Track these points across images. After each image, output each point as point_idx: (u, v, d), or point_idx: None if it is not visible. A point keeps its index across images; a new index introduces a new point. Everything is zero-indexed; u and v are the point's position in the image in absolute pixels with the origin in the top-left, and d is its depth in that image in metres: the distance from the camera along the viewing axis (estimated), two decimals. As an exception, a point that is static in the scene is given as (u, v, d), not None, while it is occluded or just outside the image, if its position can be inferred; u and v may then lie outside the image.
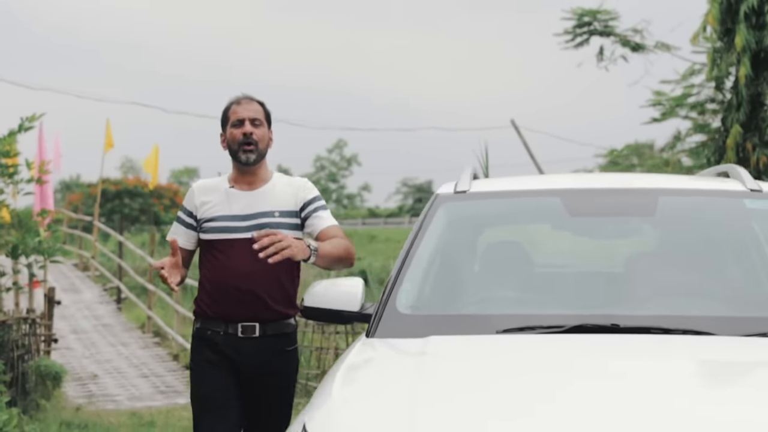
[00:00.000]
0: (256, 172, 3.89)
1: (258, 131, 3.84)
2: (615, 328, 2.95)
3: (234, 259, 3.76)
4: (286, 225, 3.79)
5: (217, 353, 3.83)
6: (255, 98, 3.93)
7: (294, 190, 3.87)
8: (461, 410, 2.37)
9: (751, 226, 3.62)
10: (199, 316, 3.90)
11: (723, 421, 2.23)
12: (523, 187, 3.89)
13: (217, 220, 3.82)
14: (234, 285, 3.77)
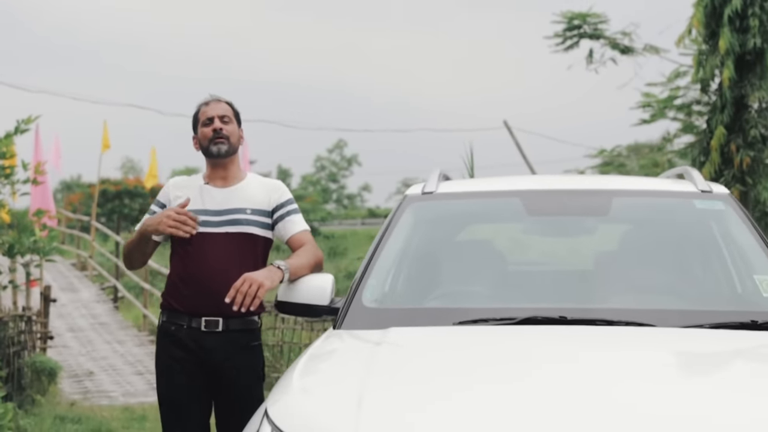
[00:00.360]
0: (228, 167, 4.00)
1: (228, 127, 3.97)
2: (563, 320, 3.17)
3: (205, 252, 3.87)
4: (257, 223, 3.93)
5: (181, 349, 3.91)
6: (223, 98, 4.07)
7: (267, 191, 4.00)
8: (408, 394, 2.58)
9: (699, 225, 3.83)
10: (165, 309, 3.99)
11: (649, 400, 2.43)
12: (486, 189, 4.11)
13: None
14: (203, 278, 3.85)
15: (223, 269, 3.83)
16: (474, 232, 4.08)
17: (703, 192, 3.88)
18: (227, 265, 3.84)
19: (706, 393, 2.52)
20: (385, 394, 2.58)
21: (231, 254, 3.87)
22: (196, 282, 3.89)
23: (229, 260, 3.85)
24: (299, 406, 2.63)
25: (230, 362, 3.89)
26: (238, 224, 3.91)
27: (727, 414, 2.35)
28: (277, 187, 4.05)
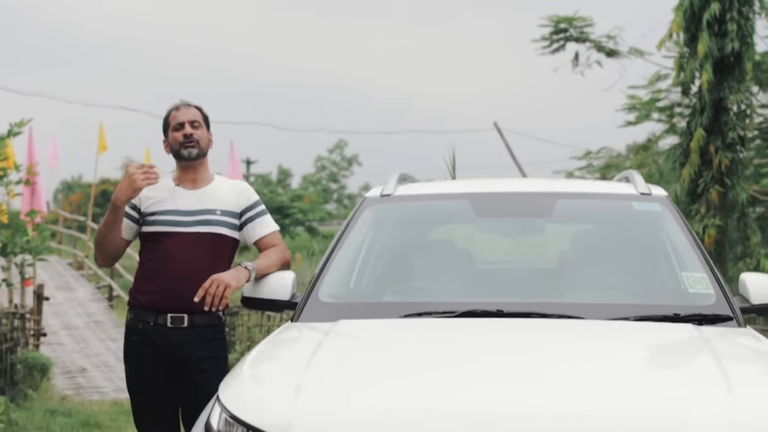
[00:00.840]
0: (198, 170, 4.17)
1: (198, 132, 4.15)
2: (500, 314, 3.44)
3: (175, 251, 4.04)
4: (226, 224, 4.13)
5: (148, 345, 4.07)
6: (192, 103, 4.24)
7: (236, 193, 4.20)
8: (346, 380, 2.85)
9: (636, 225, 4.10)
10: (133, 307, 4.15)
11: (566, 375, 2.73)
12: (440, 191, 4.39)
13: (162, 214, 4.09)
14: (172, 276, 4.02)
15: (192, 268, 4.03)
16: (427, 232, 4.34)
17: (642, 194, 4.14)
18: (196, 264, 4.04)
19: (608, 371, 2.80)
20: (324, 379, 2.84)
21: (200, 253, 4.08)
22: (164, 280, 4.05)
23: (198, 259, 4.06)
24: (247, 391, 2.90)
25: (196, 355, 4.07)
26: (208, 224, 4.11)
27: (612, 385, 2.65)
28: (245, 189, 4.26)
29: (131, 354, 4.20)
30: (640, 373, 2.82)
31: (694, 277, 3.70)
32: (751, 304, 3.64)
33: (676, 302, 3.61)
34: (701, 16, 12.48)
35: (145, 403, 4.20)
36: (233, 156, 16.06)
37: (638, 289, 3.80)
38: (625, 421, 2.47)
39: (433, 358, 3.00)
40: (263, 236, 4.17)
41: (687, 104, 13.48)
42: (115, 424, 8.13)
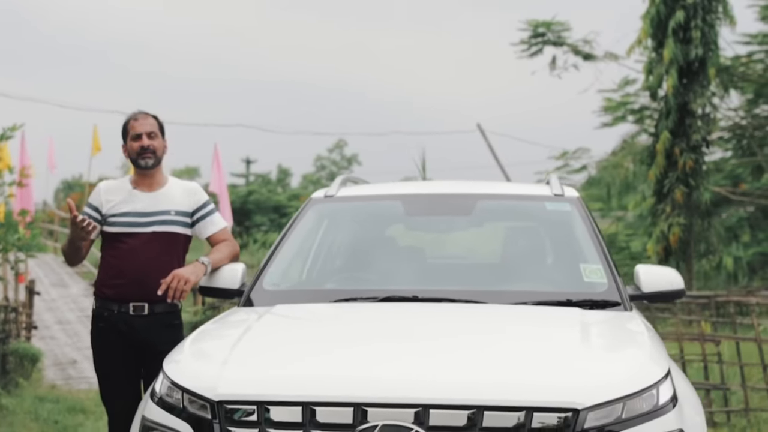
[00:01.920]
0: (154, 175, 4.62)
1: (154, 142, 4.59)
2: (415, 299, 3.98)
3: (134, 248, 4.50)
4: (180, 222, 4.63)
5: (112, 330, 4.52)
6: (149, 113, 4.67)
7: (188, 194, 4.69)
8: (270, 353, 3.38)
9: (546, 223, 4.64)
10: (98, 297, 4.60)
11: (465, 342, 3.32)
12: (376, 193, 4.92)
13: (121, 216, 4.54)
14: (133, 270, 4.47)
15: (151, 263, 4.53)
16: (363, 229, 4.87)
17: (555, 195, 4.68)
18: (154, 259, 4.54)
19: (489, 344, 3.36)
20: (248, 351, 3.37)
21: (158, 250, 4.57)
22: (126, 273, 4.50)
23: (156, 255, 4.56)
24: (185, 363, 3.43)
25: (155, 338, 4.51)
26: (164, 224, 4.60)
27: (488, 355, 3.21)
28: (195, 190, 4.76)
29: (98, 339, 4.69)
30: (514, 346, 3.36)
31: (591, 268, 4.23)
32: (642, 292, 4.17)
33: (571, 290, 4.13)
34: (667, 24, 13.03)
35: (110, 381, 4.67)
36: (216, 158, 16.55)
37: (540, 279, 4.33)
38: (487, 384, 3.00)
39: (348, 334, 3.55)
40: (214, 233, 4.69)
41: (655, 108, 14.02)
42: (99, 409, 8.63)
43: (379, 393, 2.96)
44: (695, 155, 13.09)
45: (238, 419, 3.04)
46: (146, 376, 4.67)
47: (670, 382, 3.19)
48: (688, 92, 13.05)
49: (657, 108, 13.84)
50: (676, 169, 13.09)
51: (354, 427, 2.91)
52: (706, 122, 13.32)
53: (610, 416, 2.96)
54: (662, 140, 13.01)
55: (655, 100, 13.85)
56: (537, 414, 2.90)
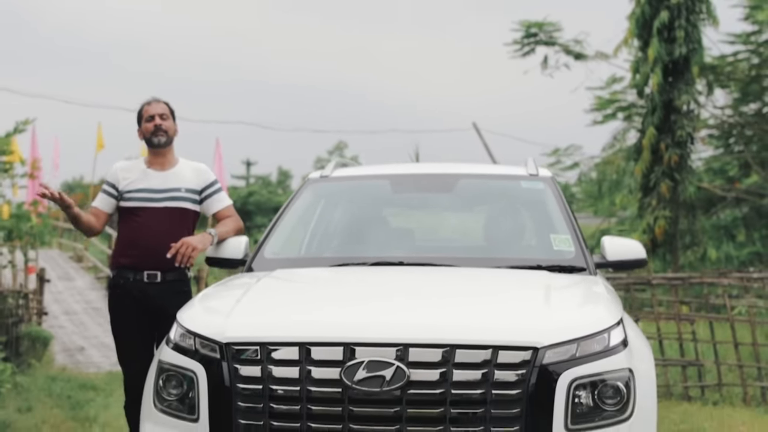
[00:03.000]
0: (165, 155, 5.05)
1: (166, 123, 5.03)
2: (400, 263, 4.45)
3: (148, 222, 4.94)
4: (190, 199, 5.09)
5: (128, 297, 4.93)
6: (161, 99, 5.13)
7: (197, 173, 5.16)
8: (270, 303, 3.86)
9: (521, 199, 5.12)
10: (114, 266, 5.03)
11: (441, 293, 3.81)
12: (366, 173, 5.40)
13: (136, 192, 4.98)
14: (146, 241, 4.90)
15: (163, 236, 4.97)
16: (353, 204, 5.35)
17: (531, 175, 5.15)
18: (166, 232, 4.99)
19: (462, 295, 3.85)
20: (252, 303, 3.84)
21: (169, 224, 5.03)
22: (141, 245, 4.94)
23: (168, 228, 5.01)
24: (196, 313, 3.90)
25: (167, 304, 4.84)
26: (175, 200, 5.07)
27: (461, 303, 3.69)
28: (204, 170, 5.23)
29: (114, 305, 5.13)
30: (485, 298, 3.83)
31: (560, 238, 4.70)
32: (607, 260, 4.65)
33: (542, 256, 4.61)
34: (652, 24, 13.50)
35: (126, 344, 5.11)
36: (218, 154, 17.06)
37: (515, 247, 4.81)
38: (459, 327, 3.46)
39: (339, 289, 4.03)
40: (220, 209, 5.16)
41: (642, 105, 14.50)
42: (109, 387, 9.13)
43: (365, 334, 3.42)
44: (680, 150, 13.56)
45: (244, 358, 3.50)
46: (159, 339, 5.05)
47: (621, 329, 3.65)
48: (673, 90, 13.51)
49: (643, 105, 14.31)
50: (662, 164, 13.56)
51: (344, 364, 3.35)
52: (690, 119, 13.79)
53: (565, 354, 3.41)
54: (648, 136, 13.48)
55: (641, 98, 14.33)
56: (502, 352, 3.35)
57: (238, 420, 3.43)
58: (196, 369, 3.58)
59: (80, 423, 7.28)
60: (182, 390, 3.65)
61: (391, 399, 3.30)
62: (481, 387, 3.30)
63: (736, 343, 8.34)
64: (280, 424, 3.38)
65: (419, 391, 3.30)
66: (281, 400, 3.38)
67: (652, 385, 3.66)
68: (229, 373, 3.47)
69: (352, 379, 3.30)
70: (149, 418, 3.78)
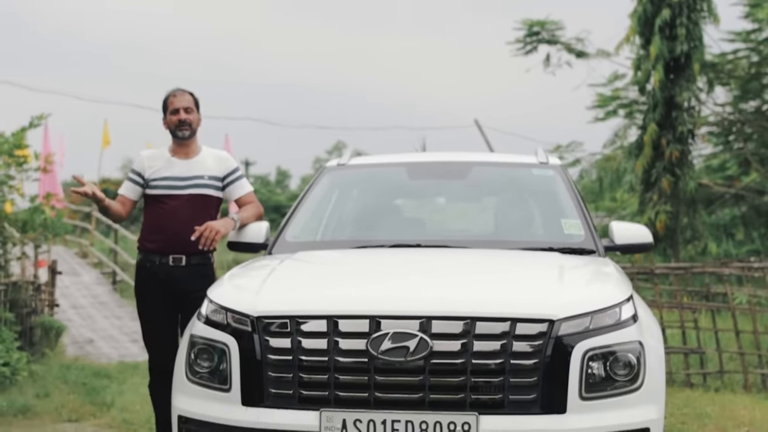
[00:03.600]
0: (189, 145, 5.25)
1: (190, 116, 5.21)
2: (418, 245, 4.65)
3: (173, 208, 5.13)
4: (212, 186, 5.27)
5: (154, 279, 5.13)
6: (186, 90, 5.29)
7: (219, 161, 5.35)
8: (296, 280, 4.05)
9: (532, 186, 5.31)
10: (141, 250, 5.22)
11: (461, 270, 3.99)
12: (383, 161, 5.59)
13: (161, 180, 5.17)
14: (172, 227, 5.09)
15: (188, 221, 5.16)
16: (372, 191, 5.53)
17: (541, 163, 5.35)
18: (190, 218, 5.17)
19: (478, 273, 4.05)
20: (280, 281, 4.02)
21: (193, 210, 5.21)
22: (166, 230, 5.14)
23: (192, 214, 5.19)
24: (226, 288, 4.09)
25: (191, 286, 5.09)
26: (199, 187, 5.24)
27: (477, 280, 3.90)
28: (226, 158, 5.42)
29: (141, 287, 5.32)
30: (502, 274, 4.03)
31: (570, 222, 4.90)
32: (615, 243, 4.84)
33: (553, 239, 4.80)
34: (654, 22, 13.70)
35: (151, 324, 5.29)
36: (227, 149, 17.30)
37: (527, 230, 5.00)
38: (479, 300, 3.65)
39: (362, 267, 4.21)
40: (242, 195, 5.34)
41: (643, 102, 14.69)
42: (122, 375, 9.32)
43: (390, 307, 3.60)
44: (681, 146, 13.76)
45: (274, 331, 3.68)
46: (183, 321, 5.26)
47: (631, 304, 3.84)
48: (674, 86, 13.71)
49: (645, 102, 14.50)
50: (663, 159, 13.76)
51: (369, 335, 3.53)
52: (691, 115, 14.00)
53: (579, 327, 3.60)
54: (649, 132, 13.68)
55: (643, 95, 14.51)
56: (520, 324, 3.53)
57: (269, 389, 3.61)
58: (228, 342, 3.75)
59: (98, 407, 7.46)
60: (214, 362, 3.83)
61: (414, 368, 3.47)
62: (500, 357, 3.47)
63: (737, 332, 8.53)
64: (308, 392, 3.56)
65: (441, 361, 3.47)
66: (310, 370, 3.55)
67: (660, 360, 3.85)
68: (260, 345, 3.65)
69: (378, 349, 3.48)
70: (182, 390, 3.95)
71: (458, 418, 3.43)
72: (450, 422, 3.43)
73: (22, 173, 10.09)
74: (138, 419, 6.88)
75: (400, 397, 3.49)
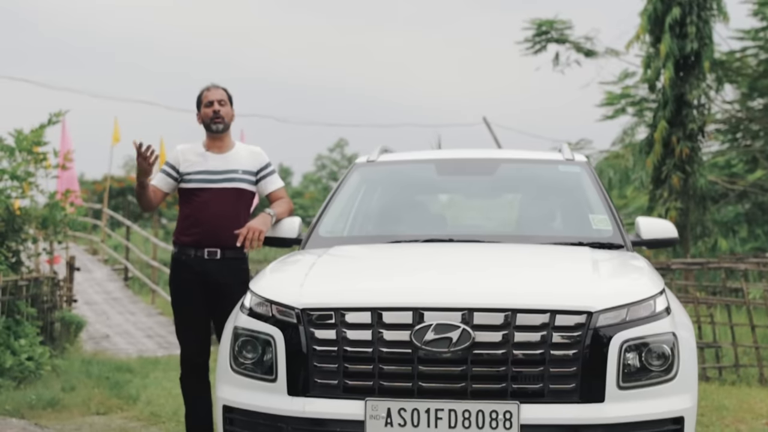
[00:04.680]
0: (223, 139, 5.31)
1: (224, 109, 5.28)
2: (450, 240, 4.76)
3: (208, 201, 5.19)
4: (246, 180, 5.36)
5: (189, 272, 5.19)
6: (220, 85, 5.37)
7: (253, 156, 5.43)
8: (339, 273, 4.16)
9: (559, 182, 5.42)
10: (176, 244, 5.28)
11: (499, 263, 4.11)
12: (412, 158, 5.70)
13: (196, 174, 5.23)
14: (207, 220, 5.16)
15: (222, 214, 5.26)
16: (400, 187, 5.65)
17: (567, 160, 5.46)
18: (225, 211, 5.27)
19: (513, 265, 4.17)
20: (321, 273, 4.13)
21: (227, 203, 5.30)
22: (201, 223, 5.20)
23: (227, 208, 5.29)
24: (269, 282, 4.19)
25: (225, 280, 5.17)
26: (233, 181, 5.33)
27: (514, 272, 4.02)
28: (259, 153, 5.48)
29: (176, 279, 5.39)
30: (539, 268, 4.14)
31: (598, 218, 5.01)
32: (642, 238, 4.96)
33: (582, 234, 4.91)
34: (664, 20, 13.81)
35: (184, 316, 5.35)
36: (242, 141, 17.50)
37: (556, 225, 5.12)
38: (519, 293, 3.76)
39: (402, 260, 4.33)
40: (274, 190, 5.43)
41: (653, 99, 14.80)
42: (144, 369, 9.44)
43: (433, 299, 3.71)
44: (691, 143, 13.87)
45: (319, 323, 3.79)
46: (216, 314, 5.31)
47: (665, 297, 3.95)
48: (684, 84, 13.82)
49: (655, 99, 14.61)
50: (673, 156, 13.87)
51: (413, 327, 3.64)
52: (701, 112, 14.11)
53: (616, 318, 3.70)
54: (660, 129, 13.79)
55: (653, 92, 14.62)
56: (559, 316, 3.64)
57: (314, 379, 3.70)
58: (273, 333, 3.84)
59: (124, 401, 7.58)
60: (258, 353, 3.93)
61: (457, 359, 3.58)
62: (540, 348, 3.57)
63: (752, 326, 8.64)
64: (354, 382, 3.66)
65: (483, 352, 3.58)
66: (355, 360, 3.65)
67: (692, 351, 3.95)
68: (306, 337, 3.74)
69: (421, 340, 3.58)
70: (226, 381, 4.04)
71: (500, 406, 3.53)
72: (492, 411, 3.54)
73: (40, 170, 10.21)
74: (165, 412, 6.99)
75: (443, 386, 3.59)
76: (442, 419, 3.56)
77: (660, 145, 13.88)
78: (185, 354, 5.44)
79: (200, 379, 5.43)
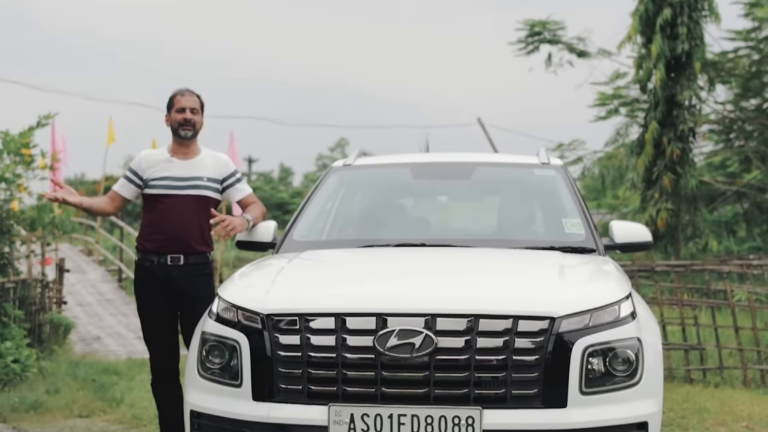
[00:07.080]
0: (189, 145, 5.27)
1: (195, 117, 5.24)
2: (422, 245, 4.76)
3: (171, 208, 5.16)
4: (211, 188, 5.25)
5: (153, 278, 5.16)
6: (194, 91, 5.32)
7: (219, 164, 5.37)
8: (306, 278, 4.17)
9: (534, 186, 5.43)
10: (140, 250, 5.26)
11: (465, 269, 4.11)
12: (388, 162, 5.71)
13: (160, 180, 5.18)
14: (171, 226, 5.14)
15: (186, 222, 5.23)
16: (375, 191, 5.65)
17: (543, 164, 5.47)
18: (188, 218, 5.23)
19: (479, 270, 4.17)
20: (288, 278, 4.14)
21: (191, 210, 5.25)
22: (165, 229, 5.18)
23: (190, 215, 5.24)
24: (236, 287, 4.20)
25: (190, 285, 5.18)
26: (197, 188, 5.27)
27: (480, 278, 4.01)
28: (225, 161, 5.44)
29: (140, 286, 5.36)
30: (505, 273, 4.15)
31: (571, 221, 5.02)
32: (615, 242, 4.96)
33: (554, 238, 4.92)
34: (655, 21, 13.80)
35: (151, 323, 5.33)
36: (233, 148, 17.44)
37: (529, 230, 5.12)
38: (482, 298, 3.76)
39: (369, 265, 4.34)
40: (244, 197, 5.42)
41: (645, 100, 14.80)
42: (131, 372, 9.44)
43: (396, 305, 3.72)
44: (682, 144, 13.87)
45: (284, 328, 3.79)
46: (182, 319, 5.33)
47: (630, 302, 3.95)
48: (676, 85, 13.82)
49: (646, 100, 14.61)
50: (664, 157, 13.87)
51: (376, 332, 3.64)
52: (692, 113, 14.11)
53: (579, 324, 3.71)
54: (651, 130, 13.79)
55: (644, 93, 14.62)
56: (522, 321, 3.64)
57: (279, 384, 3.71)
58: (239, 338, 3.86)
59: (108, 403, 7.58)
60: (225, 359, 3.94)
61: (420, 364, 3.58)
62: (503, 353, 3.58)
63: (736, 328, 8.65)
64: (317, 388, 3.67)
65: (446, 357, 3.58)
66: (319, 366, 3.66)
67: (658, 356, 3.96)
68: (271, 342, 3.75)
69: (385, 346, 3.58)
70: (194, 386, 4.05)
71: (462, 412, 3.54)
72: (454, 416, 3.55)
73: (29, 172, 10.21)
74: (147, 415, 7.00)
75: (406, 392, 3.59)
76: (405, 425, 3.57)
77: (651, 146, 13.88)
78: (154, 360, 5.46)
79: (171, 384, 5.43)
